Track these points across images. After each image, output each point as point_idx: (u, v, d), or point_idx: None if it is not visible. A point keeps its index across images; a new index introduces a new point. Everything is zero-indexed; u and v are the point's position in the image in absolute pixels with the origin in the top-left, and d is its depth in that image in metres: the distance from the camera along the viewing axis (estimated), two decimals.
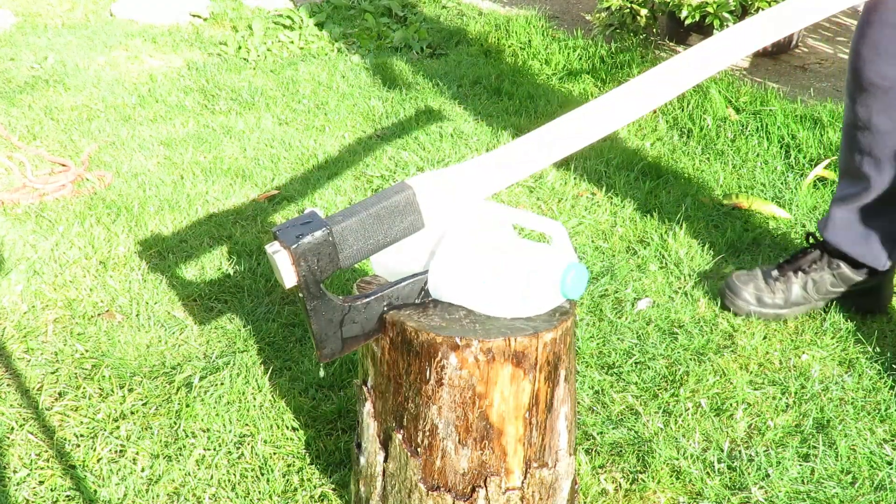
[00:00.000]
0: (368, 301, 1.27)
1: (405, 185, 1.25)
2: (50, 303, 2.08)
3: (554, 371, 1.29)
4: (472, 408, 1.26)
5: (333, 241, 1.20)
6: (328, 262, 1.21)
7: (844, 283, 2.09)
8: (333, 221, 1.21)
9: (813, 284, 2.10)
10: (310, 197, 2.66)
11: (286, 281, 1.20)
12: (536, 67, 3.92)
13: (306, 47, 4.17)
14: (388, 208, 1.23)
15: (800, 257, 2.16)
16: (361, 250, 1.23)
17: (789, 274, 2.12)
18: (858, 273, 2.09)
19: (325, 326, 1.25)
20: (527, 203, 2.69)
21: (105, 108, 3.35)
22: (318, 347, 1.26)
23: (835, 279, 2.09)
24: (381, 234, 1.24)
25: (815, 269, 2.11)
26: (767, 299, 2.09)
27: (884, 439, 1.72)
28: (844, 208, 2.05)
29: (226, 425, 1.71)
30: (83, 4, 4.80)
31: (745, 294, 2.09)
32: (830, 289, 2.10)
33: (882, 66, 1.84)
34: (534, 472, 1.31)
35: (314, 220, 1.21)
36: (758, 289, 2.10)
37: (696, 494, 1.60)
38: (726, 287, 2.13)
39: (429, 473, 1.30)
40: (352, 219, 1.22)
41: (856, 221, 2.04)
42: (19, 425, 1.69)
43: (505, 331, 1.25)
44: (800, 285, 2.10)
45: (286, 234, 1.20)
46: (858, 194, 2.01)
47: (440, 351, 1.23)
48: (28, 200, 2.56)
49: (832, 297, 2.12)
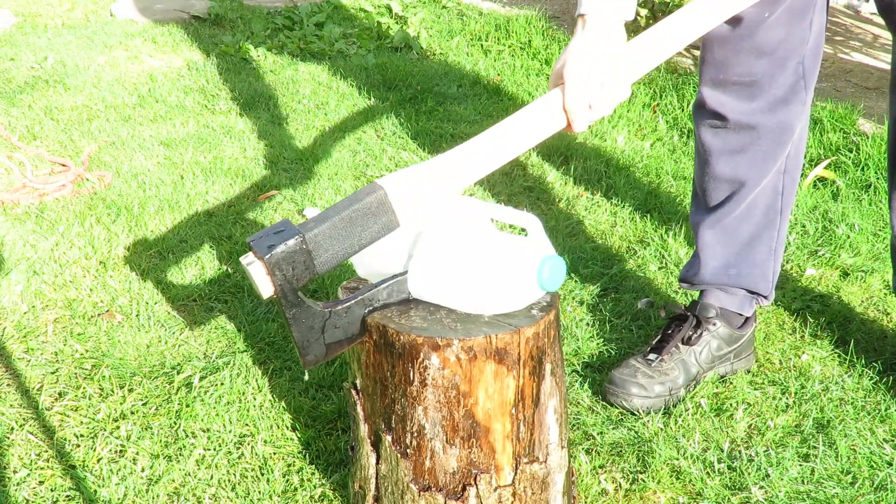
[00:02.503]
0: (348, 305, 1.27)
1: (376, 185, 1.25)
2: (50, 303, 2.08)
3: (539, 365, 1.29)
4: (458, 407, 1.26)
5: (307, 248, 1.21)
6: (304, 269, 1.21)
7: (727, 343, 1.92)
8: (306, 228, 1.21)
9: (699, 356, 1.89)
10: (310, 197, 2.66)
11: (263, 291, 1.20)
12: (536, 67, 3.92)
13: (306, 47, 4.17)
14: (361, 211, 1.23)
15: (673, 329, 1.94)
16: (337, 255, 1.23)
17: (672, 351, 1.89)
18: (734, 328, 1.94)
19: (307, 333, 1.25)
20: (526, 203, 2.69)
21: (105, 108, 3.35)
22: (302, 354, 1.26)
23: (718, 342, 1.91)
24: (355, 237, 1.24)
25: (696, 337, 1.91)
26: (658, 388, 1.82)
27: (884, 439, 1.72)
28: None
29: (226, 425, 1.71)
30: (83, 4, 4.80)
31: (635, 389, 1.81)
32: (715, 356, 1.91)
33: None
34: (524, 467, 1.31)
35: (287, 229, 1.22)
36: (647, 377, 1.83)
37: (696, 494, 1.60)
38: (609, 384, 1.83)
39: (419, 474, 1.30)
40: (324, 224, 1.22)
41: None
42: (19, 425, 1.69)
43: (486, 328, 1.25)
44: (689, 360, 1.89)
45: (259, 244, 1.20)
46: None
47: (422, 352, 1.23)
48: (28, 200, 2.56)
49: (717, 371, 1.93)
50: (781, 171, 1.87)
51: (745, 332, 1.95)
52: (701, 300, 1.96)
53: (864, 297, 2.22)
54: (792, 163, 1.87)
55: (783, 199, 1.89)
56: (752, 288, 1.94)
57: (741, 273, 1.92)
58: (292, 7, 4.71)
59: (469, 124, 3.28)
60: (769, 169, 1.85)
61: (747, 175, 1.84)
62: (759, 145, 1.82)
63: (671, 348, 1.89)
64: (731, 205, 1.88)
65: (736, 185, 1.86)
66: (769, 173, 1.85)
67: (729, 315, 1.94)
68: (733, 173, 1.85)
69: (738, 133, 1.82)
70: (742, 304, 1.95)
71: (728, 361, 1.93)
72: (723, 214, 1.89)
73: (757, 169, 1.84)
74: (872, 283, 2.27)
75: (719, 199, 1.89)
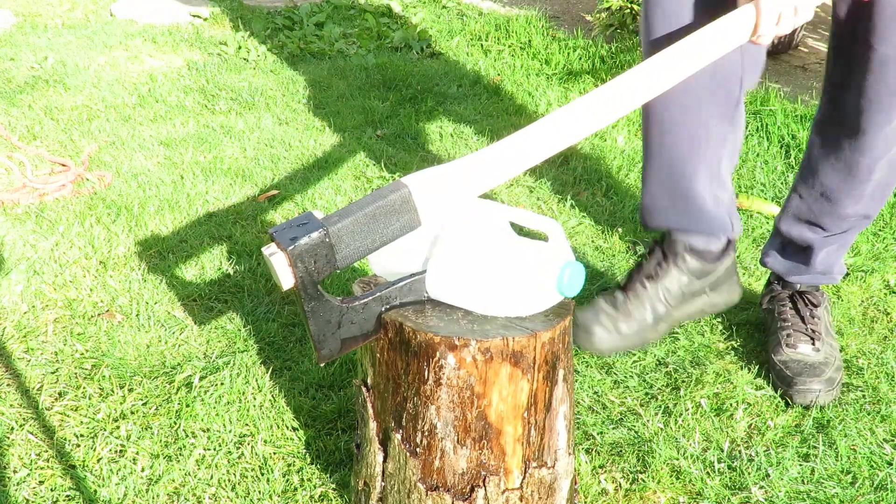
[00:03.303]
0: (366, 302, 1.27)
1: (401, 183, 1.25)
2: (50, 303, 2.08)
3: (552, 370, 1.29)
4: (471, 408, 1.26)
5: (330, 242, 1.20)
6: (325, 262, 1.21)
7: (698, 277, 1.80)
8: (329, 222, 1.20)
9: (667, 292, 1.78)
10: (310, 197, 2.66)
11: (283, 282, 1.20)
12: (536, 67, 3.92)
13: (306, 47, 4.17)
14: (384, 207, 1.23)
15: (641, 266, 1.84)
16: (358, 250, 1.23)
17: (637, 288, 1.78)
18: (708, 262, 1.83)
19: (323, 327, 1.25)
20: (527, 203, 2.69)
21: (105, 108, 3.35)
22: (317, 348, 1.26)
23: (688, 277, 1.79)
24: (377, 234, 1.23)
25: (662, 272, 1.78)
26: (625, 327, 1.75)
27: (884, 439, 1.72)
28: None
29: (226, 425, 1.71)
30: (83, 4, 4.80)
31: (599, 330, 1.75)
32: (685, 291, 1.79)
33: None
34: (533, 471, 1.31)
35: (310, 222, 1.21)
36: (611, 318, 1.76)
37: (696, 494, 1.60)
38: (574, 326, 1.69)
39: (427, 473, 1.30)
40: (348, 219, 1.21)
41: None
42: (19, 425, 1.69)
43: (503, 331, 1.25)
44: (655, 297, 1.78)
45: (282, 235, 1.20)
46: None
47: (438, 351, 1.23)
48: (28, 200, 2.56)
49: (690, 309, 1.84)
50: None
51: (721, 264, 1.82)
52: (667, 236, 1.86)
53: (864, 296, 2.22)
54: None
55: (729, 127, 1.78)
56: (712, 231, 1.84)
57: (699, 227, 1.83)
58: (292, 7, 4.71)
59: (469, 124, 3.28)
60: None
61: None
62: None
63: (636, 285, 1.77)
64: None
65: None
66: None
67: (698, 250, 1.83)
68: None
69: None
70: (709, 241, 1.84)
71: (703, 295, 1.79)
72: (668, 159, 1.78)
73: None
74: (872, 283, 2.27)
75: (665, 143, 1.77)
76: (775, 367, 1.87)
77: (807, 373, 1.81)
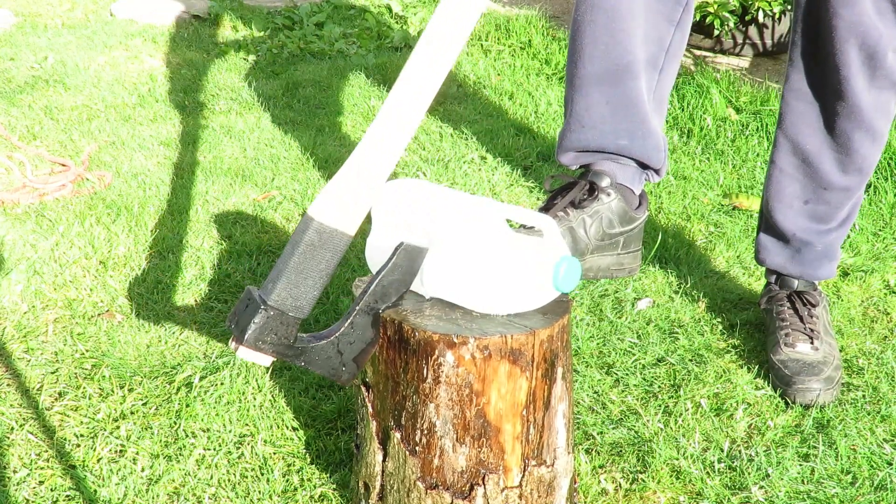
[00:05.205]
0: (351, 321, 1.28)
1: (308, 218, 1.26)
2: (50, 303, 2.08)
3: (551, 368, 1.29)
4: (470, 406, 1.26)
5: (278, 311, 1.23)
6: (285, 327, 1.23)
7: (621, 223, 1.67)
8: (266, 293, 1.23)
9: (589, 226, 1.63)
10: (310, 197, 2.66)
11: (263, 363, 1.24)
12: (536, 67, 3.92)
13: (306, 47, 4.17)
14: (306, 249, 1.24)
15: (565, 192, 1.68)
16: (308, 295, 1.25)
17: (559, 214, 1.62)
18: (631, 208, 1.71)
19: (327, 365, 1.27)
20: (527, 203, 2.69)
21: (105, 108, 3.35)
22: (336, 380, 1.29)
23: (609, 218, 1.64)
24: (316, 273, 1.25)
25: (587, 203, 1.64)
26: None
27: (884, 439, 1.72)
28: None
29: (226, 425, 1.71)
30: (83, 4, 4.80)
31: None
32: (606, 232, 1.64)
33: None
34: (532, 469, 1.31)
35: (251, 302, 1.24)
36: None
37: (696, 494, 1.60)
38: None
39: (427, 472, 1.30)
40: (280, 280, 1.23)
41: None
42: (19, 425, 1.69)
43: (501, 328, 1.25)
44: (579, 226, 1.62)
45: (235, 329, 1.24)
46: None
47: (437, 349, 1.23)
48: (28, 200, 2.56)
49: (602, 262, 1.67)
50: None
51: (639, 216, 1.73)
52: (592, 167, 1.72)
53: (864, 296, 2.22)
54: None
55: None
56: (645, 160, 1.73)
57: (633, 143, 1.71)
58: (292, 7, 4.71)
59: (469, 124, 3.28)
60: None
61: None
62: None
63: (558, 211, 1.62)
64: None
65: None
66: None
67: (623, 189, 1.71)
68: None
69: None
70: (633, 178, 1.74)
71: (616, 248, 1.68)
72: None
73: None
74: (872, 283, 2.27)
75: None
76: (774, 366, 1.87)
77: (806, 372, 1.82)
